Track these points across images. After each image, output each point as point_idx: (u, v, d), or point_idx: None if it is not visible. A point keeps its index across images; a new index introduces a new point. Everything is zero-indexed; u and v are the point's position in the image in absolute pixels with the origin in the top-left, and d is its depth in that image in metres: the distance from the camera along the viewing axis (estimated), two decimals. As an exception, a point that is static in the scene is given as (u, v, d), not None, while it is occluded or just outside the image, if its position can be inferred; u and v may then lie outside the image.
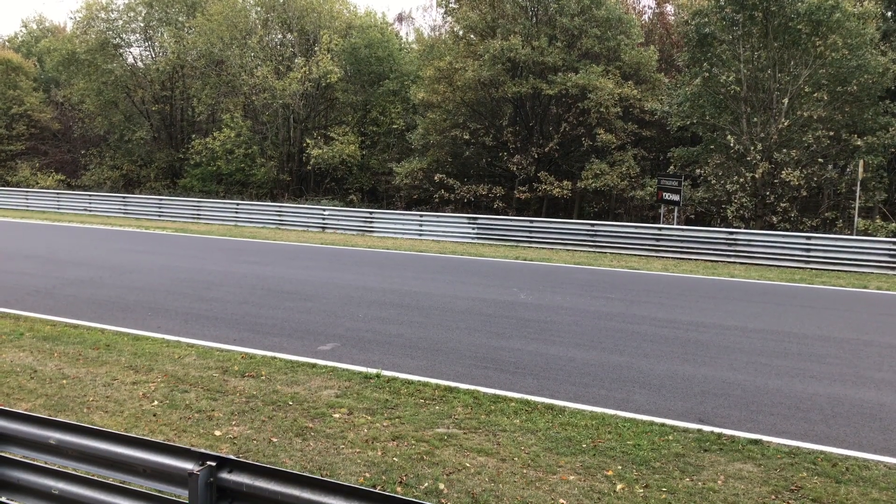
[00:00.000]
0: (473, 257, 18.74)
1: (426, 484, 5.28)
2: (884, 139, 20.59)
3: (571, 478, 5.42)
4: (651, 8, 32.81)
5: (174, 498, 3.64)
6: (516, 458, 5.75)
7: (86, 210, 30.30)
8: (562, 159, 27.21)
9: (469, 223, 22.85)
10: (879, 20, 22.41)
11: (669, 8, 31.68)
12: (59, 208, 30.92)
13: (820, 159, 21.29)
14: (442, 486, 5.24)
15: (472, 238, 22.45)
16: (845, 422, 6.71)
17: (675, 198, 21.24)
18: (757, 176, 21.25)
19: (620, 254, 19.94)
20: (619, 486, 5.28)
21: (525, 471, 5.53)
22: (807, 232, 20.45)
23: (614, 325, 10.57)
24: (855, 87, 20.48)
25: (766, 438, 6.23)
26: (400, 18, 45.21)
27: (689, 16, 23.13)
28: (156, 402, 6.90)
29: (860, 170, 19.54)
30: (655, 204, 23.90)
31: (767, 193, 21.60)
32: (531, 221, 22.28)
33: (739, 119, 22.29)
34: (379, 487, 5.17)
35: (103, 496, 3.78)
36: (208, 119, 35.01)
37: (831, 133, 20.96)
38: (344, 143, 30.47)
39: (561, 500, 5.06)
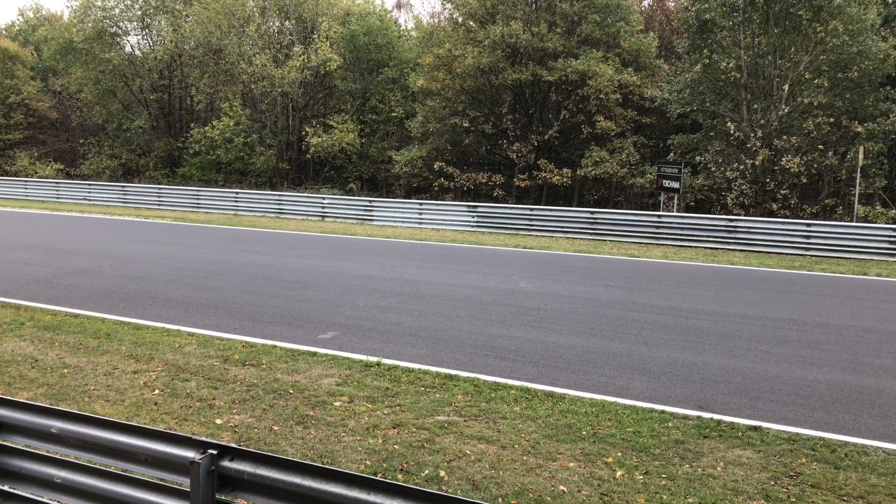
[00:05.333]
0: (473, 245, 18.74)
1: (427, 471, 5.30)
2: (884, 126, 20.53)
3: (571, 465, 5.44)
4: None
5: (176, 486, 3.65)
6: (516, 446, 5.77)
7: (85, 199, 30.25)
8: (561, 147, 27.16)
9: (469, 211, 22.82)
10: (880, 6, 22.29)
11: (669, -6, 31.51)
12: (58, 198, 30.86)
13: (820, 146, 21.23)
14: (442, 473, 5.26)
15: (472, 226, 22.43)
16: (844, 408, 6.73)
17: (675, 185, 21.20)
18: (757, 163, 21.21)
19: (620, 241, 19.93)
20: (619, 473, 5.30)
21: (525, 458, 5.55)
22: (807, 219, 20.44)
23: (614, 313, 10.58)
24: (855, 74, 20.40)
25: (765, 425, 6.25)
26: (398, 6, 44.91)
27: (689, 2, 23.01)
28: (157, 391, 6.91)
29: (860, 156, 19.50)
30: (655, 191, 23.87)
31: (767, 180, 21.56)
32: (531, 209, 22.26)
33: (739, 106, 22.22)
34: (380, 475, 5.19)
35: (105, 484, 3.80)
36: (207, 108, 34.89)
37: (832, 120, 20.90)
38: (343, 132, 30.39)
39: (561, 487, 5.08)
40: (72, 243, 17.33)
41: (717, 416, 6.43)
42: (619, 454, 5.63)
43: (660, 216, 20.25)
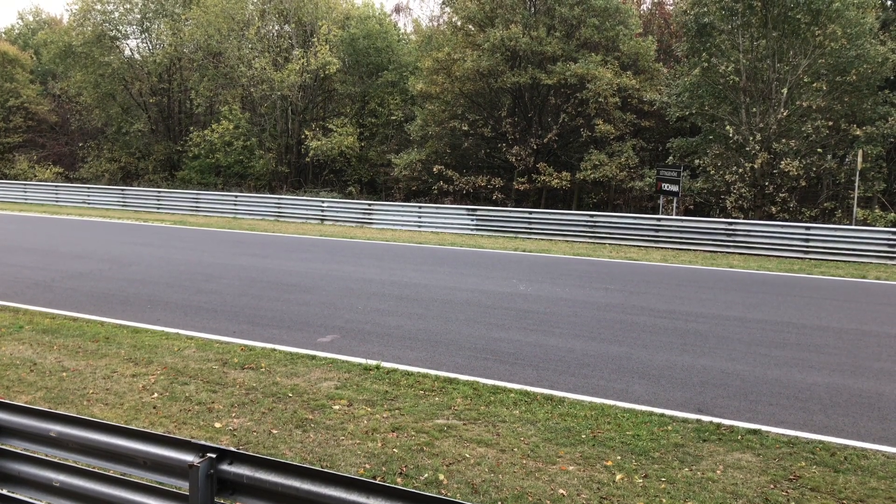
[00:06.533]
0: (472, 249, 18.74)
1: (426, 475, 5.29)
2: (883, 129, 20.55)
3: (571, 468, 5.43)
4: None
5: (175, 490, 3.65)
6: (516, 449, 5.76)
7: (84, 203, 30.25)
8: (561, 150, 27.18)
9: (468, 215, 22.83)
10: (879, 9, 22.33)
11: (668, -3, 31.58)
12: (57, 201, 30.86)
13: (819, 149, 21.26)
14: (442, 476, 5.25)
15: (472, 229, 22.43)
16: (844, 411, 6.73)
17: (675, 188, 21.23)
18: (756, 166, 21.23)
19: (619, 245, 19.94)
20: (618, 477, 5.30)
21: (525, 461, 5.55)
22: (806, 222, 20.45)
23: (613, 316, 10.58)
24: (854, 77, 20.43)
25: (764, 428, 6.25)
26: (397, 9, 44.98)
27: (687, 5, 23.04)
28: (156, 395, 6.90)
29: (859, 160, 19.52)
30: (654, 195, 23.88)
31: (766, 184, 21.58)
32: (530, 213, 22.27)
33: (738, 109, 22.25)
34: (379, 478, 5.18)
35: (104, 488, 3.79)
36: (206, 111, 34.91)
37: (830, 123, 20.92)
38: (342, 135, 30.41)
39: (560, 491, 5.08)
40: (71, 247, 17.32)
41: (716, 420, 6.42)
42: (619, 457, 5.63)
43: (659, 219, 20.26)
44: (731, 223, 19.31)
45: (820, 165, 21.31)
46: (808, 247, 18.01)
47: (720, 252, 18.78)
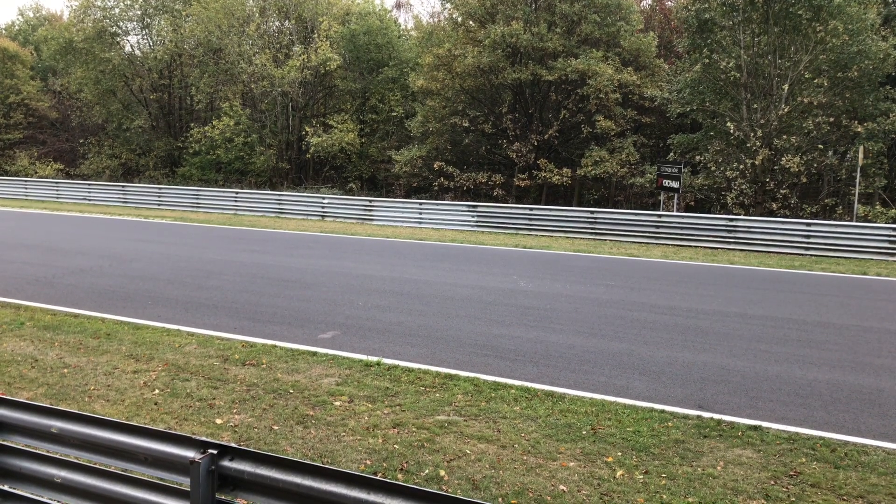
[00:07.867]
0: (473, 245, 18.73)
1: (427, 471, 5.30)
2: (884, 125, 20.53)
3: (571, 464, 5.44)
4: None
5: (176, 486, 3.65)
6: (516, 445, 5.77)
7: (85, 199, 30.25)
8: (561, 146, 27.16)
9: (469, 211, 22.82)
10: (880, 5, 22.29)
11: (669, -7, 31.50)
12: (58, 197, 30.86)
13: (820, 145, 21.23)
14: (443, 472, 5.26)
15: (472, 226, 22.43)
16: (844, 408, 6.73)
17: (675, 185, 21.20)
18: (757, 162, 21.21)
19: (620, 241, 19.93)
20: (618, 473, 5.30)
21: (525, 457, 5.55)
22: (806, 218, 20.44)
23: (614, 313, 10.58)
24: (855, 73, 20.39)
25: (765, 424, 6.25)
26: (398, 5, 44.90)
27: (688, 1, 23.01)
28: (157, 391, 6.91)
29: (860, 156, 19.50)
30: (655, 191, 23.87)
31: (767, 180, 21.56)
32: (531, 209, 22.25)
33: (739, 105, 22.22)
34: (380, 474, 5.19)
35: (105, 484, 3.80)
36: (207, 107, 34.89)
37: (831, 119, 20.89)
38: (343, 131, 30.39)
39: (561, 487, 5.08)
40: (72, 243, 17.32)
41: (716, 416, 6.43)
42: (619, 454, 5.63)
43: (660, 216, 20.25)
44: (731, 219, 19.29)
45: (821, 162, 21.28)
46: (808, 243, 18.00)
47: (721, 248, 18.77)
